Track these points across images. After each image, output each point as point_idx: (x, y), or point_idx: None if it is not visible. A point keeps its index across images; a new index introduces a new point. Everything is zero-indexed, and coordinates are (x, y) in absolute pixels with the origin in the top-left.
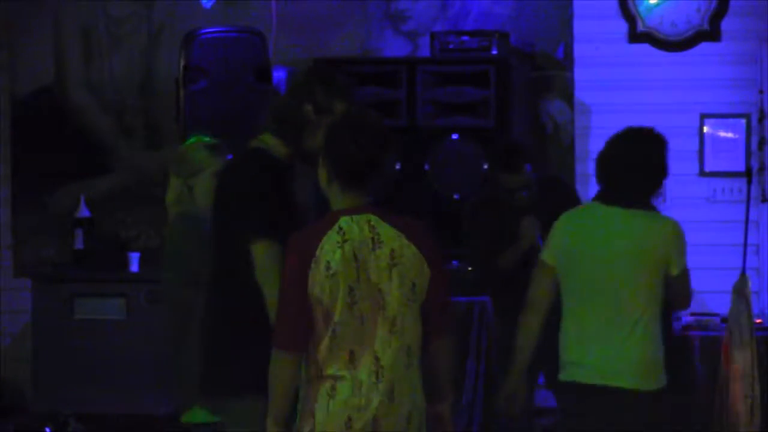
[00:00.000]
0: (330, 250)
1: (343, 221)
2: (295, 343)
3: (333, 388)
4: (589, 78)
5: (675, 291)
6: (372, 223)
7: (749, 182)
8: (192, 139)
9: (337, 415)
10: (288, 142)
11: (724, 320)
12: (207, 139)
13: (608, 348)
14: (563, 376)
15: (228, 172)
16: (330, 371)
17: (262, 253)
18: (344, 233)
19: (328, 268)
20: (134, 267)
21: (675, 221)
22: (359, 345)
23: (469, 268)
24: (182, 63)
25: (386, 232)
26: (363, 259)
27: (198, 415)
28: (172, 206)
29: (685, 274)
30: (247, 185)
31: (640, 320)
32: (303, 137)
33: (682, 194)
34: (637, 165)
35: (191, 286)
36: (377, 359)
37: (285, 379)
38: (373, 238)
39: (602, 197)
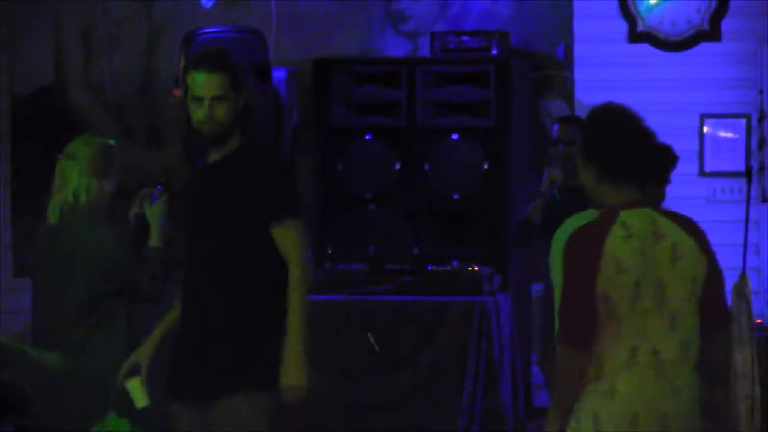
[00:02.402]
0: (617, 245)
1: (624, 216)
2: (586, 342)
3: (613, 386)
4: (589, 78)
5: None
6: (651, 216)
7: (749, 182)
8: (87, 137)
9: (621, 415)
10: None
11: None
12: (99, 139)
13: None
14: None
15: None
16: (609, 369)
17: None
18: (628, 227)
19: (617, 263)
20: None
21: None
22: (641, 340)
23: None
24: (182, 63)
25: (666, 225)
26: (647, 253)
27: (117, 423)
28: (84, 205)
29: None
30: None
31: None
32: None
33: (682, 194)
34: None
35: (121, 295)
36: (658, 354)
37: (576, 378)
38: (654, 232)
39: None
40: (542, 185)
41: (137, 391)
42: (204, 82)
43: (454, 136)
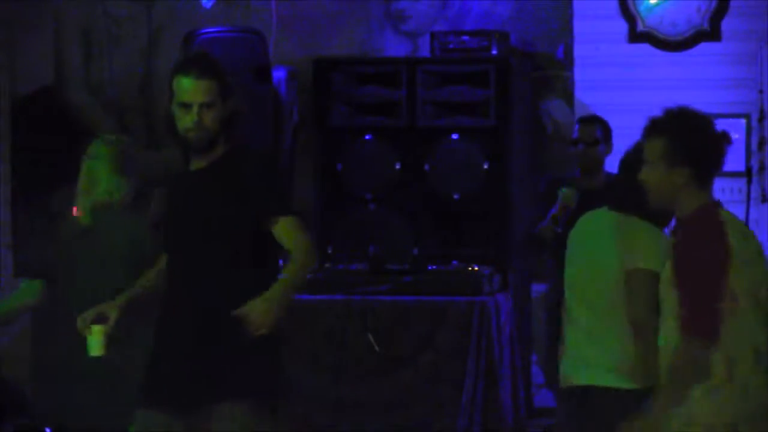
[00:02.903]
0: (738, 243)
1: (724, 214)
2: (718, 336)
3: (746, 387)
4: (589, 78)
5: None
6: (731, 216)
7: (749, 182)
8: (106, 137)
9: (756, 415)
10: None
11: None
12: (116, 137)
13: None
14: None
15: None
16: (741, 370)
17: None
18: (733, 226)
19: (740, 261)
20: None
21: None
22: (759, 338)
23: None
24: None
25: (744, 224)
26: (749, 251)
27: None
28: (116, 203)
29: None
30: None
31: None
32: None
33: None
34: None
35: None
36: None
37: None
38: (742, 231)
39: None
40: (555, 208)
41: (96, 340)
42: (192, 88)
43: (454, 136)
